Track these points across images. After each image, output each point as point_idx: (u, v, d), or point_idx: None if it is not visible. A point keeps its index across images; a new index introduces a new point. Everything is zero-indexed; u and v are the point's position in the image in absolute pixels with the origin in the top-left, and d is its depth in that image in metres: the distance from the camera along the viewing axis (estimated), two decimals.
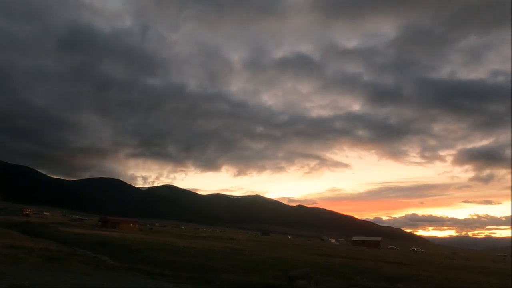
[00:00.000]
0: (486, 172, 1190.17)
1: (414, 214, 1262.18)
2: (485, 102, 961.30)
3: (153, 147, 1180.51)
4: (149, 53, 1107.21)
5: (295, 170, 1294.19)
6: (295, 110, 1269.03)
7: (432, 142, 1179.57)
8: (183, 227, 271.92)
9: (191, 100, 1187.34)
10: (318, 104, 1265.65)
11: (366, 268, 41.68)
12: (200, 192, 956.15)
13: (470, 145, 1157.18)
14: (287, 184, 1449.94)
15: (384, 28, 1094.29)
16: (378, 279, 29.44)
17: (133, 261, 29.01)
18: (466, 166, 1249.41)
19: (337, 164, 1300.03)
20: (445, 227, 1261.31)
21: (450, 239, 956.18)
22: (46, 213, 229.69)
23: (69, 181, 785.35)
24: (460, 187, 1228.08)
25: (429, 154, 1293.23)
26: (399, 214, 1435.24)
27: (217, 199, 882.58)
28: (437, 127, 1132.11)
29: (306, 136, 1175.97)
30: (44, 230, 67.22)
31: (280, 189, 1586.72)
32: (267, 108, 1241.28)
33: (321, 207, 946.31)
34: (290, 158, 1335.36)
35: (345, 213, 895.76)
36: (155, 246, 49.05)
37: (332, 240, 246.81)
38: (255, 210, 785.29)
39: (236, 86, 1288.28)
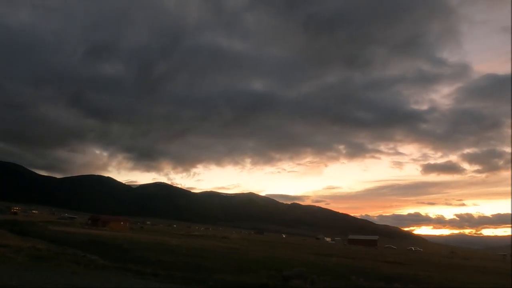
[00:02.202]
0: (483, 171, 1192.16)
1: (412, 213, 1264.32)
2: None
3: (145, 144, 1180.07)
4: None
5: (292, 168, 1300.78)
6: None
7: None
8: (175, 226, 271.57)
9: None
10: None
11: (363, 267, 41.86)
12: (192, 190, 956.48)
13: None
14: (283, 182, 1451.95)
15: None
16: (375, 278, 29.57)
17: (124, 260, 28.97)
18: (465, 166, 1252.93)
19: (335, 162, 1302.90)
20: (444, 226, 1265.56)
21: (448, 238, 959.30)
22: (34, 211, 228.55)
23: (58, 178, 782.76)
24: (459, 185, 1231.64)
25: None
26: (396, 212, 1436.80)
27: (210, 197, 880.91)
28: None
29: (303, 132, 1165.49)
30: (33, 228, 66.93)
31: (275, 187, 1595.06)
32: None
33: (317, 205, 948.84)
34: (287, 156, 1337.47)
35: (341, 211, 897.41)
36: (146, 245, 49.04)
37: (328, 239, 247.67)
38: (249, 208, 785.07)
39: None
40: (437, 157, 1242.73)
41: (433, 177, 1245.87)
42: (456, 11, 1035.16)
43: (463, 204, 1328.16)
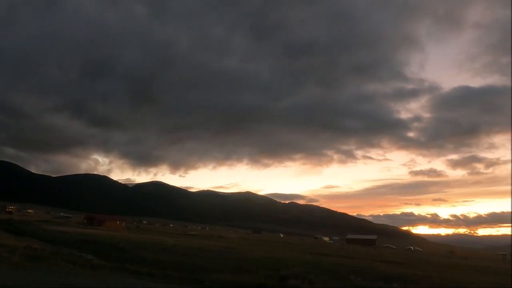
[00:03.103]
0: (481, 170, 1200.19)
1: (411, 212, 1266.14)
2: None
3: (142, 142, 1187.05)
4: None
5: (289, 167, 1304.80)
6: None
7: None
8: (171, 225, 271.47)
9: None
10: None
11: (361, 267, 41.95)
12: (189, 189, 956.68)
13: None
14: (281, 181, 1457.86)
15: None
16: (373, 278, 29.58)
17: (120, 260, 29.01)
18: (464, 165, 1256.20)
19: (333, 161, 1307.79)
20: (442, 225, 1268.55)
21: (447, 237, 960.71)
22: (30, 211, 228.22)
23: (54, 177, 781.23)
24: (458, 185, 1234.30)
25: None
26: (395, 211, 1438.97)
27: (207, 196, 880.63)
28: None
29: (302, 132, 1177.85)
30: (28, 228, 66.89)
31: (273, 187, 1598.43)
32: None
33: (315, 204, 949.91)
34: (284, 154, 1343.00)
35: (339, 210, 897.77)
36: (142, 245, 49.03)
37: (326, 239, 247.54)
38: (246, 207, 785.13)
39: None
40: (424, 163, 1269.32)
41: (432, 177, 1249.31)
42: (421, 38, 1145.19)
43: (463, 204, 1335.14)
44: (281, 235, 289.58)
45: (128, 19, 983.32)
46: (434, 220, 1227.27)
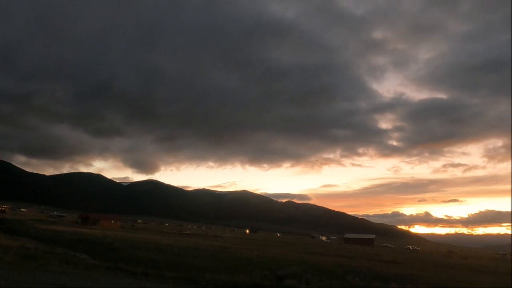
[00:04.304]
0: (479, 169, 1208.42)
1: (409, 211, 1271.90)
2: None
3: (136, 139, 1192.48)
4: None
5: (287, 166, 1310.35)
6: None
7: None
8: (166, 224, 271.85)
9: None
10: None
11: (359, 267, 41.93)
12: (185, 188, 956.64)
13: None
14: (278, 180, 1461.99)
15: None
16: (371, 278, 29.55)
17: (115, 259, 29.05)
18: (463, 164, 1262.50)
19: (331, 161, 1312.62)
20: (441, 225, 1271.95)
21: (446, 237, 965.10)
22: (23, 210, 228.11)
23: (47, 175, 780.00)
24: (457, 184, 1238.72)
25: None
26: (393, 210, 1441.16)
27: (203, 195, 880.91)
28: None
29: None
30: (21, 227, 66.90)
31: (270, 186, 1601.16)
32: None
33: (312, 203, 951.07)
34: (282, 153, 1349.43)
35: (336, 209, 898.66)
36: (137, 244, 49.01)
37: (323, 238, 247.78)
38: (243, 206, 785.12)
39: None
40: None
41: (429, 176, 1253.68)
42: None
43: (462, 203, 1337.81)
44: (278, 234, 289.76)
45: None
46: (434, 220, 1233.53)
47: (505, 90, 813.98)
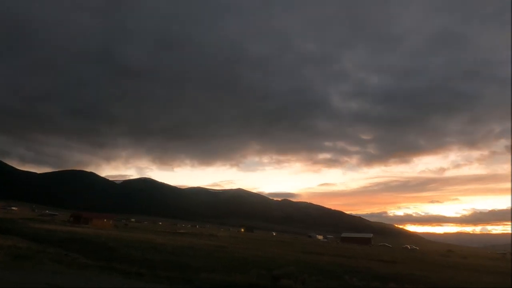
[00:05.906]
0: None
1: (408, 211, 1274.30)
2: None
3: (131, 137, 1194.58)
4: None
5: (286, 165, 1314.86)
6: None
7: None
8: (160, 223, 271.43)
9: None
10: None
11: (356, 266, 42.01)
12: (179, 187, 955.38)
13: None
14: (276, 179, 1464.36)
15: None
16: (369, 278, 29.59)
17: (108, 259, 29.02)
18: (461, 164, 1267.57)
19: (330, 160, 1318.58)
20: (440, 224, 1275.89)
21: (445, 236, 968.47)
22: (14, 208, 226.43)
23: (39, 174, 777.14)
24: (456, 183, 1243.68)
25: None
26: (392, 210, 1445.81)
27: (197, 193, 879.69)
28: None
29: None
30: (13, 226, 66.51)
31: (267, 184, 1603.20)
32: None
33: (308, 202, 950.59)
34: (280, 152, 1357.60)
35: (334, 208, 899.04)
36: (131, 243, 48.95)
37: (320, 237, 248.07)
38: (238, 205, 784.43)
39: None
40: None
41: (428, 174, 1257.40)
42: None
43: (462, 202, 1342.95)
44: (274, 234, 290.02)
45: None
46: (435, 219, 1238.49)
47: None
